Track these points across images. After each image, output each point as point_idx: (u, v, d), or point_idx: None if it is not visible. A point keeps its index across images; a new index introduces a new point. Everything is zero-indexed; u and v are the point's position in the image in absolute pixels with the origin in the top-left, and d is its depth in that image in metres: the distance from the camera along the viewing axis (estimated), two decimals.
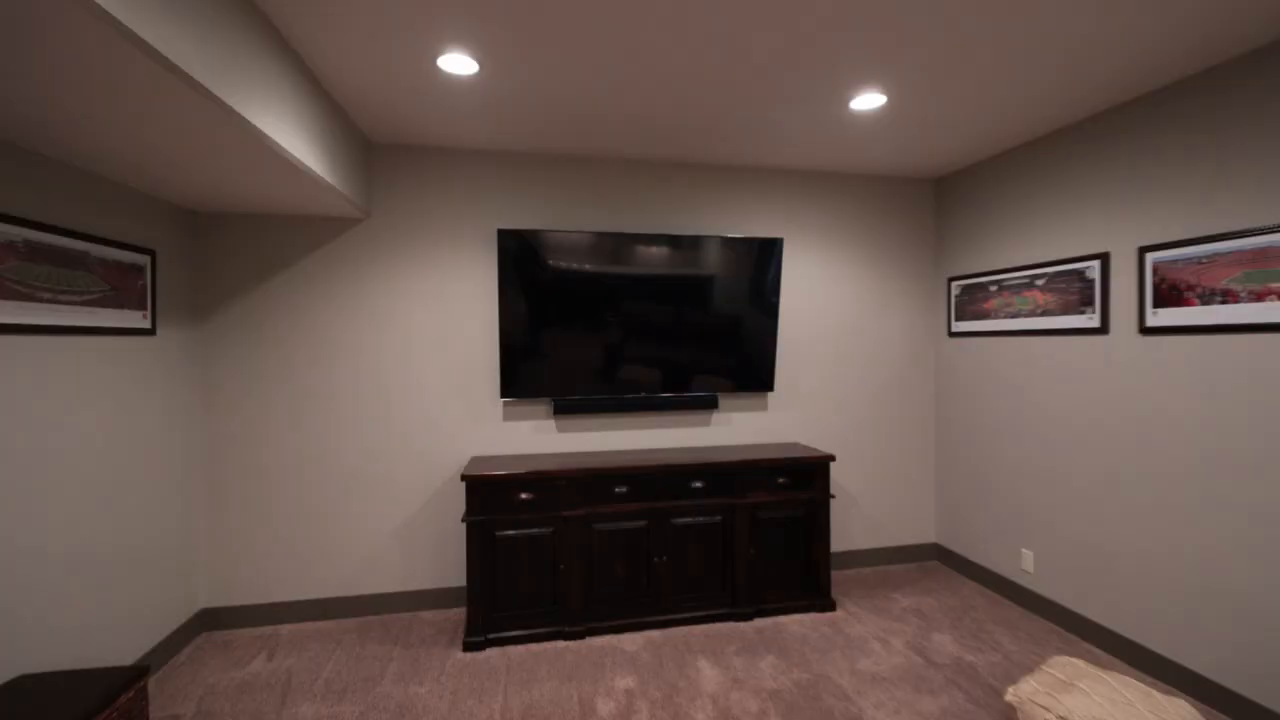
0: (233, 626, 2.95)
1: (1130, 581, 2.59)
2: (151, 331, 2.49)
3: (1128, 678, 1.86)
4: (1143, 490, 2.54)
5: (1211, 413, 2.28)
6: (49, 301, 1.96)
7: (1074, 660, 1.95)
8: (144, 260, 2.44)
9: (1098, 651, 2.68)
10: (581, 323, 3.17)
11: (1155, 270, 2.49)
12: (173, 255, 2.69)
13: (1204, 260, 2.31)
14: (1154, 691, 1.79)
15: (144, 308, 2.44)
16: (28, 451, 1.90)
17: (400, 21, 1.88)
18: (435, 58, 2.12)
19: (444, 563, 3.19)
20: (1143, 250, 2.53)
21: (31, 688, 1.75)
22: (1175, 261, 2.41)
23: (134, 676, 1.82)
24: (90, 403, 2.17)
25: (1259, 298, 2.14)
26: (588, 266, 3.13)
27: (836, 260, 3.63)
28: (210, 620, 2.93)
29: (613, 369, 3.25)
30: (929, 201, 3.76)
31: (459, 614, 3.11)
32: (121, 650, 2.32)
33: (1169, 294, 2.44)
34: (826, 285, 3.62)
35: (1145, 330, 2.53)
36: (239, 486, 2.95)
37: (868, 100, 2.53)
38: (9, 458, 1.83)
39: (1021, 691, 1.82)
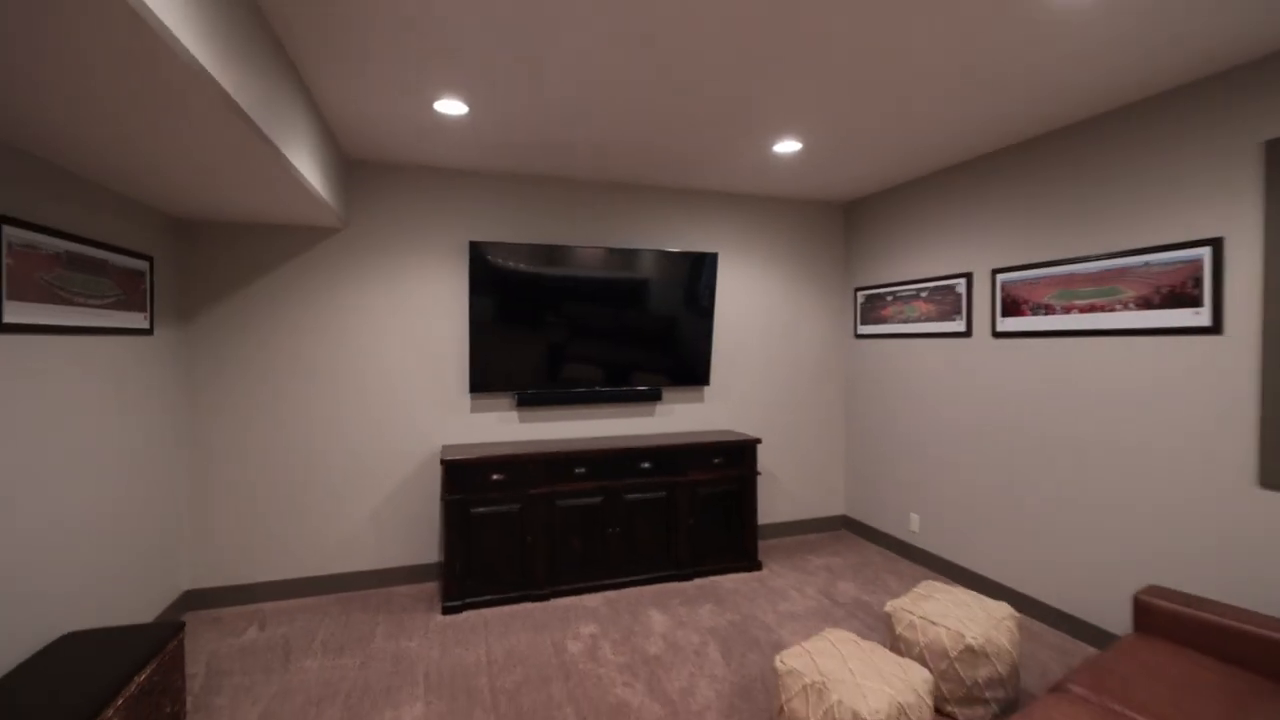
0: (216, 606, 3.17)
1: (985, 532, 3.30)
2: (150, 331, 2.71)
3: (969, 591, 2.50)
4: (997, 459, 3.24)
5: (1041, 396, 3.00)
6: (81, 305, 2.20)
7: (933, 583, 2.58)
8: (144, 266, 2.66)
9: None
10: (542, 325, 3.58)
11: (1003, 288, 3.20)
12: (166, 261, 2.90)
13: (1033, 281, 3.02)
14: (984, 597, 2.43)
15: (144, 310, 2.66)
16: (59, 439, 2.13)
17: (410, 77, 2.25)
18: (433, 102, 2.49)
19: (415, 542, 3.52)
20: (995, 272, 3.23)
21: (81, 642, 2.00)
22: (1015, 281, 3.12)
23: (176, 629, 2.10)
24: (105, 396, 2.39)
25: (1067, 311, 2.86)
26: (548, 275, 3.55)
27: (764, 272, 4.21)
28: (195, 600, 3.14)
29: (569, 366, 3.69)
30: (840, 223, 4.43)
31: (431, 587, 3.45)
32: (119, 622, 2.54)
33: (1011, 306, 3.15)
34: (755, 294, 4.20)
35: (996, 334, 3.23)
36: (221, 476, 3.18)
37: (787, 145, 3.10)
38: (47, 444, 2.06)
39: (894, 604, 2.42)
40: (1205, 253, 2.36)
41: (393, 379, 3.46)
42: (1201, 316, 2.37)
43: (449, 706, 2.29)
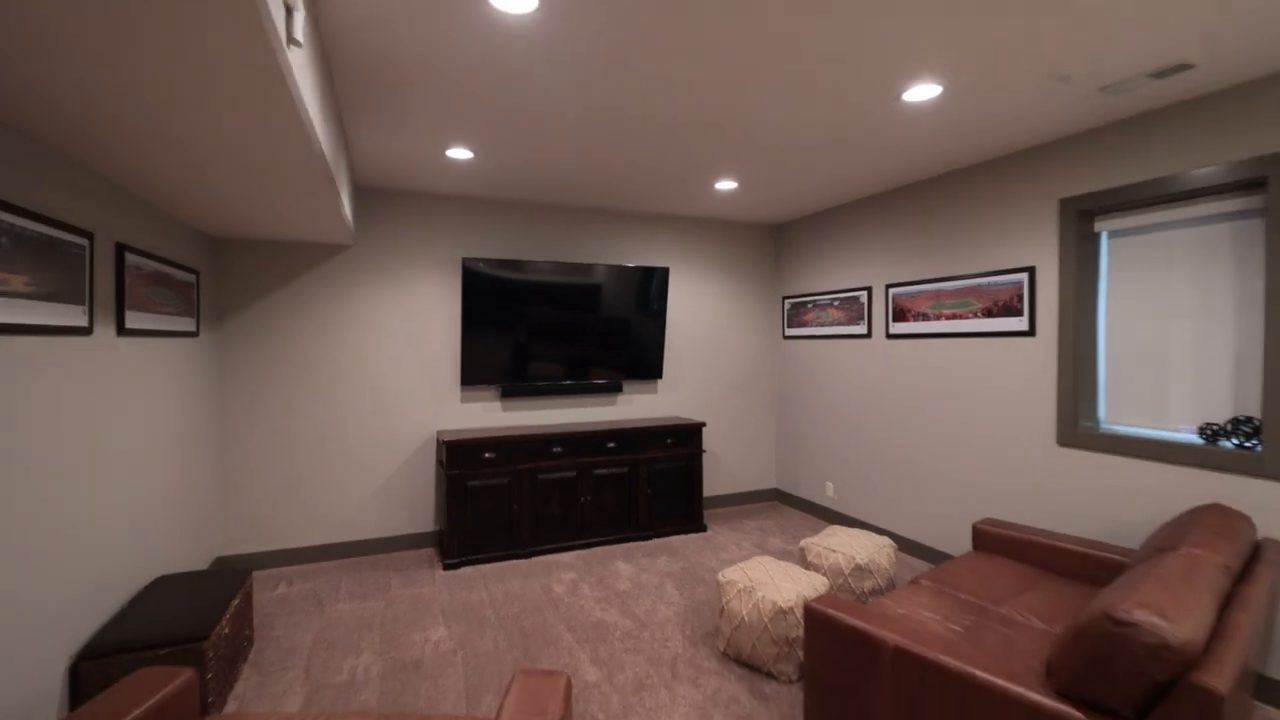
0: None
1: (879, 492, 4.15)
2: (196, 334, 3.19)
3: (864, 531, 3.31)
4: (888, 435, 4.10)
5: (919, 383, 3.86)
6: (160, 313, 2.69)
7: (837, 527, 3.39)
8: (193, 279, 3.14)
9: None
10: (522, 328, 4.21)
11: (893, 299, 4.06)
12: (207, 274, 3.38)
13: (914, 294, 3.89)
14: (874, 534, 3.26)
15: (193, 315, 3.14)
16: (143, 424, 2.62)
17: (433, 132, 2.85)
18: (445, 150, 3.10)
19: (415, 513, 4.08)
20: (888, 286, 4.09)
21: (173, 582, 2.52)
22: (902, 294, 3.98)
23: (245, 572, 2.63)
24: (169, 388, 2.87)
25: (938, 318, 3.73)
26: (528, 285, 4.18)
27: (708, 283, 4.97)
28: (225, 566, 3.60)
29: (544, 363, 4.33)
30: (771, 241, 5.24)
31: (429, 552, 4.02)
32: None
33: (899, 313, 4.01)
34: (701, 301, 4.95)
35: (889, 336, 4.09)
36: (246, 457, 3.66)
37: (726, 185, 3.86)
38: (138, 429, 2.55)
39: (806, 540, 3.21)
40: (1025, 277, 3.25)
41: (394, 374, 4.01)
42: (1023, 323, 3.26)
43: (465, 629, 2.91)
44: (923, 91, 2.45)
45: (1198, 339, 2.66)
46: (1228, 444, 2.52)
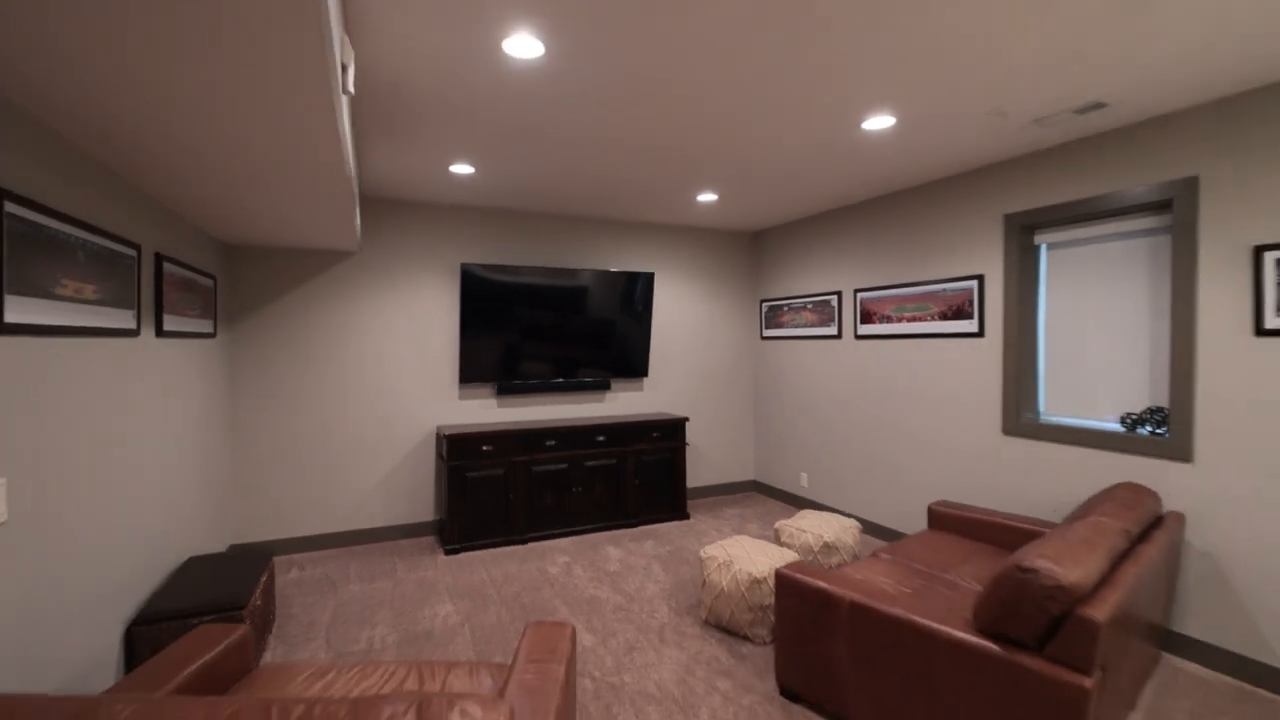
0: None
1: (848, 480, 4.50)
2: (214, 335, 3.41)
3: (832, 514, 3.65)
4: (856, 428, 4.44)
5: (884, 380, 4.21)
6: (187, 316, 2.92)
7: (807, 511, 3.72)
8: (211, 283, 3.36)
9: None
10: (517, 330, 4.48)
11: (861, 303, 4.41)
12: (222, 279, 3.59)
13: (880, 298, 4.24)
14: (841, 516, 3.59)
15: (211, 317, 3.36)
16: (171, 418, 2.84)
17: (439, 150, 3.12)
18: (449, 166, 3.37)
19: (415, 504, 4.33)
20: (856, 291, 4.44)
21: (203, 561, 2.75)
22: (869, 298, 4.33)
23: (269, 553, 2.87)
24: (191, 386, 3.09)
25: (900, 320, 4.08)
26: (522, 290, 4.45)
27: (691, 287, 5.28)
28: (239, 552, 3.81)
29: (537, 362, 4.60)
30: (749, 248, 5.57)
31: (429, 539, 4.28)
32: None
33: (866, 316, 4.36)
34: (684, 304, 5.26)
35: (858, 336, 4.44)
36: (256, 451, 3.88)
37: (707, 197, 4.17)
38: (168, 423, 2.78)
39: (780, 523, 3.53)
40: (975, 283, 3.61)
41: (396, 372, 4.26)
42: (973, 325, 3.62)
43: (471, 605, 3.18)
44: (879, 122, 2.78)
45: (1120, 339, 3.03)
46: (1143, 431, 2.89)
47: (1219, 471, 2.56)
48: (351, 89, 1.63)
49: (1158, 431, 2.83)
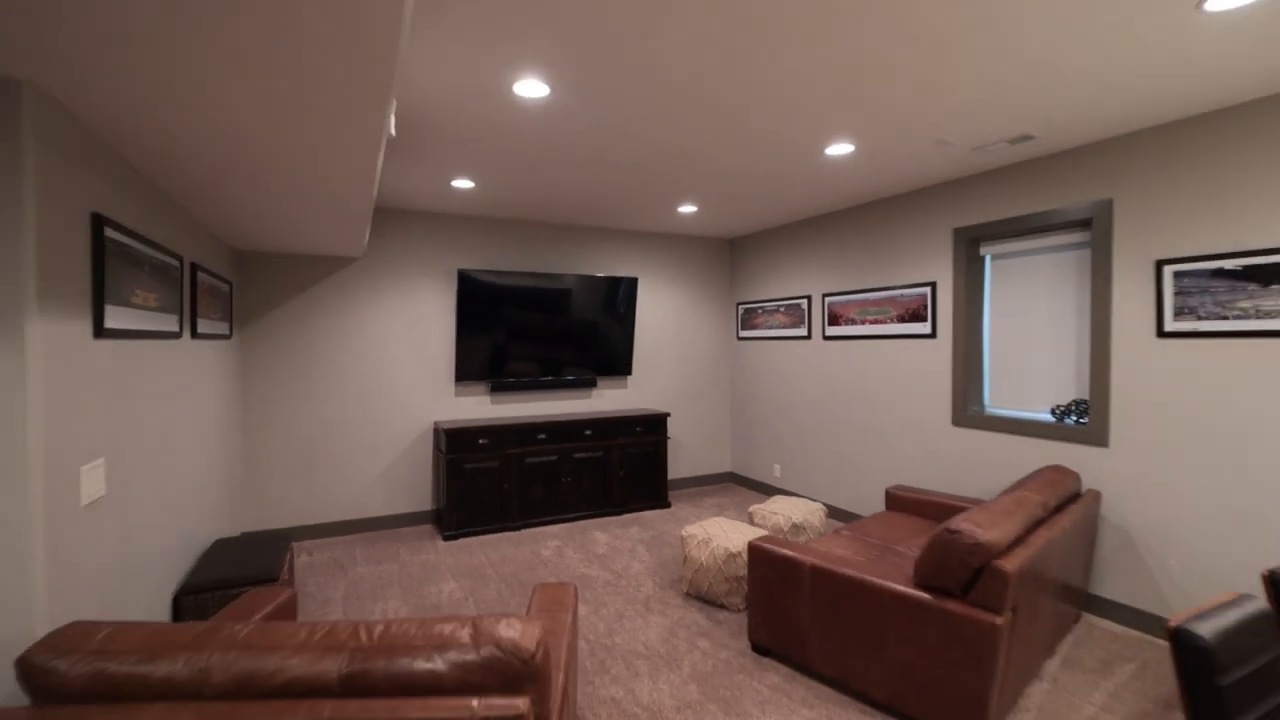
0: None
1: (817, 470, 4.88)
2: (229, 336, 3.65)
3: (801, 499, 4.01)
4: (824, 421, 4.83)
5: (849, 378, 4.60)
6: (211, 319, 3.16)
7: (779, 497, 4.08)
8: (228, 288, 3.60)
9: None
10: (510, 331, 4.77)
11: (829, 306, 4.79)
12: (237, 284, 3.83)
13: (846, 303, 4.62)
14: (809, 500, 3.96)
15: (228, 320, 3.60)
16: (193, 415, 3.07)
17: (444, 168, 3.40)
18: (452, 180, 3.65)
19: (414, 494, 4.60)
20: (824, 295, 4.82)
21: (229, 543, 3.00)
22: (836, 302, 4.71)
23: (288, 536, 3.13)
24: (211, 384, 3.33)
25: (864, 323, 4.47)
26: (515, 293, 4.75)
27: (673, 290, 5.62)
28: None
29: (529, 361, 4.90)
30: (727, 254, 5.93)
31: (428, 527, 4.55)
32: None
33: (834, 318, 4.74)
34: (666, 307, 5.59)
35: (826, 338, 4.82)
36: (265, 445, 4.11)
37: (687, 208, 4.51)
38: (197, 415, 3.02)
39: (754, 507, 3.89)
40: (928, 289, 4.00)
41: (396, 371, 4.52)
42: (927, 328, 4.01)
43: (472, 582, 3.47)
44: (840, 148, 3.15)
45: (1053, 340, 3.44)
46: (1069, 420, 3.30)
47: (1129, 455, 2.98)
48: (393, 132, 1.93)
49: (1081, 421, 3.25)
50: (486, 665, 1.33)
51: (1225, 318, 2.62)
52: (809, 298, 4.97)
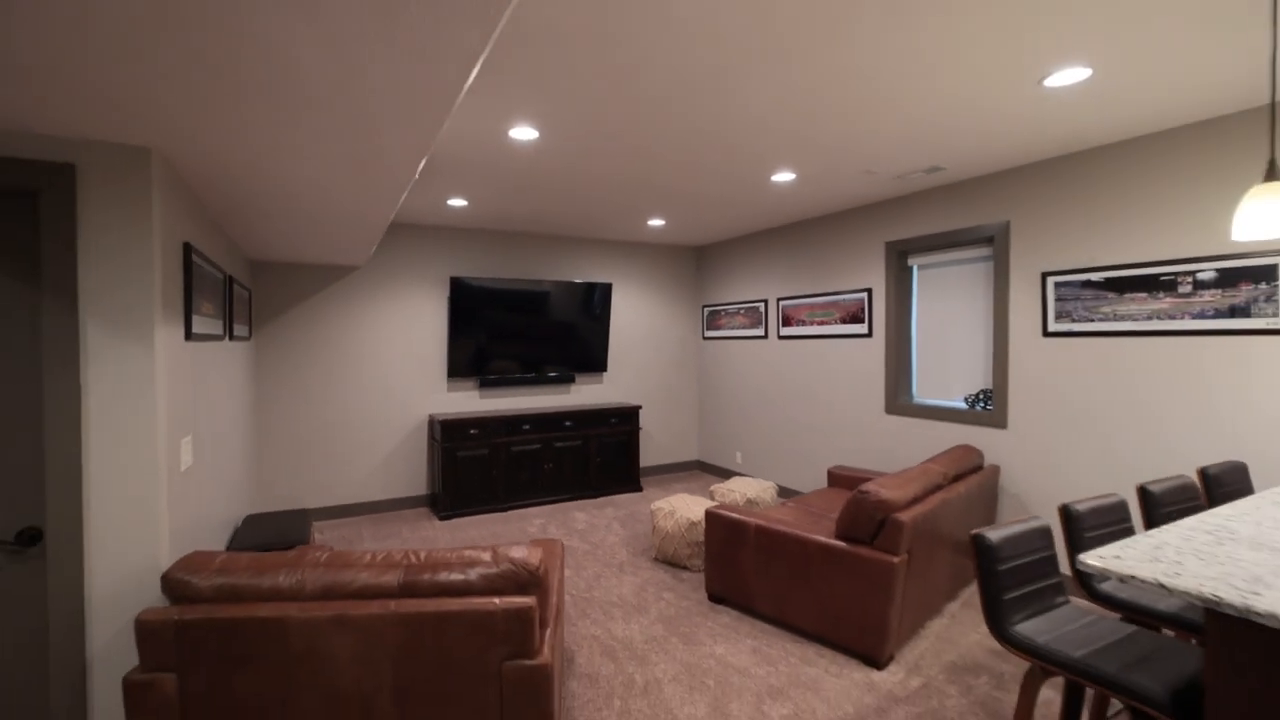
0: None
1: (771, 456, 5.45)
2: (249, 338, 4.06)
3: (756, 479, 4.57)
4: (778, 412, 5.41)
5: (799, 373, 5.18)
6: (239, 323, 3.58)
7: (738, 478, 4.64)
8: (247, 294, 4.01)
9: None
10: (497, 332, 5.24)
11: (782, 309, 5.36)
12: (254, 290, 4.23)
13: (797, 305, 5.20)
14: (763, 480, 4.52)
15: (248, 323, 4.01)
16: (224, 408, 3.49)
17: (443, 190, 3.86)
18: (447, 200, 4.12)
19: (410, 480, 5.04)
20: (779, 299, 5.39)
21: (259, 519, 3.43)
22: (789, 305, 5.29)
23: (306, 513, 3.57)
24: (235, 382, 3.74)
25: (812, 324, 5.05)
26: (502, 298, 5.22)
27: (644, 294, 6.15)
28: (254, 523, 4.45)
29: (514, 360, 5.37)
30: (693, 260, 6.47)
31: (424, 510, 5.00)
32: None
33: (787, 320, 5.32)
34: (638, 309, 6.12)
35: (780, 337, 5.39)
36: (277, 437, 4.52)
37: (656, 221, 5.04)
38: (231, 409, 3.43)
39: (714, 487, 4.44)
40: (865, 294, 4.59)
41: (393, 368, 4.96)
42: (864, 328, 4.60)
43: None
44: (784, 176, 3.71)
45: (966, 338, 4.05)
46: (979, 407, 3.92)
47: (1023, 435, 3.60)
48: (417, 174, 2.41)
49: (987, 407, 3.86)
50: (504, 575, 1.84)
51: (1092, 320, 3.24)
52: (765, 301, 5.54)
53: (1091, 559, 1.26)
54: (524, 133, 2.86)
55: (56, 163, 1.74)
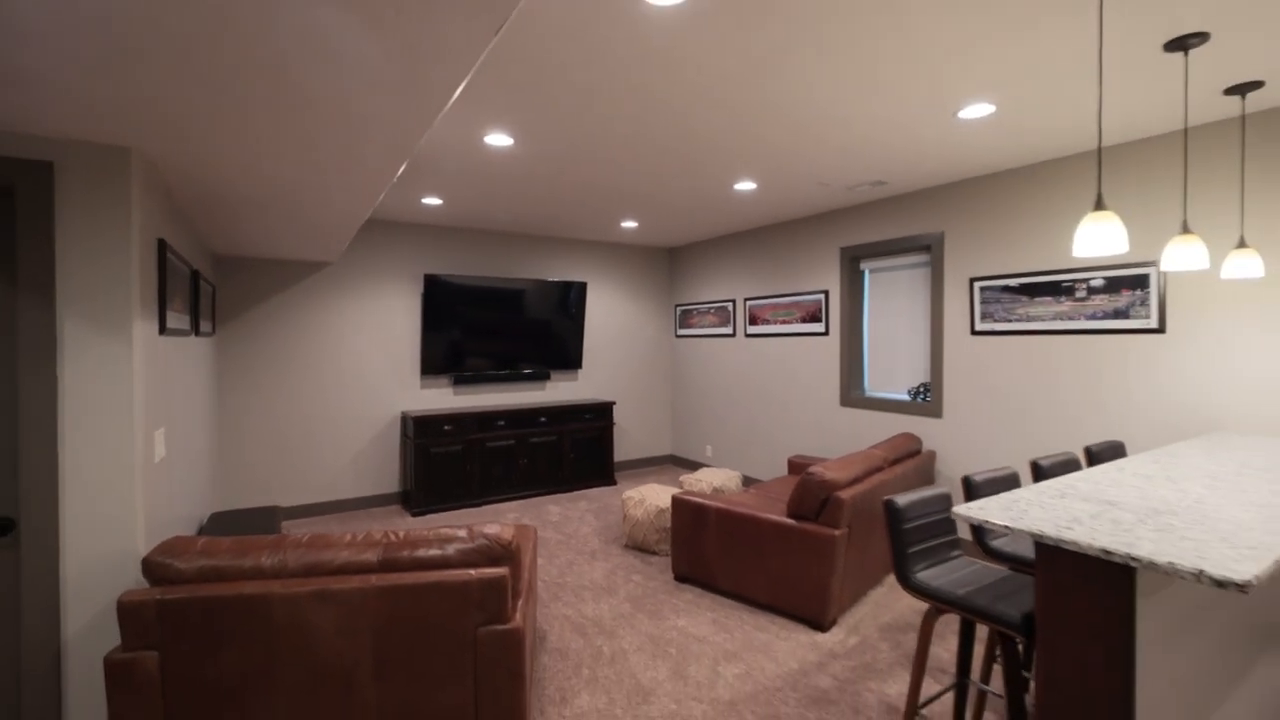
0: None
1: (738, 448, 5.71)
2: (213, 333, 4.15)
3: (722, 469, 4.82)
4: (743, 407, 5.68)
5: (763, 369, 5.45)
6: (203, 319, 3.68)
7: (706, 469, 4.88)
8: (211, 289, 4.11)
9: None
10: (472, 330, 5.40)
11: (749, 309, 5.63)
12: (219, 285, 4.32)
13: (762, 305, 5.48)
14: (728, 470, 4.78)
15: (212, 319, 4.11)
16: (190, 402, 3.60)
17: (417, 189, 4.02)
18: (421, 198, 4.28)
19: (382, 477, 5.17)
20: (746, 299, 5.66)
21: (225, 516, 3.54)
22: (755, 305, 5.56)
23: (275, 510, 3.69)
24: (200, 377, 3.84)
25: (776, 323, 5.33)
26: (476, 295, 5.37)
27: (619, 293, 6.36)
28: (221, 520, 4.53)
29: (488, 357, 5.54)
30: (666, 261, 6.71)
31: (395, 507, 5.13)
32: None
33: (753, 319, 5.59)
34: (613, 308, 6.33)
35: (748, 336, 5.66)
36: (244, 434, 4.61)
37: (629, 223, 5.26)
38: (189, 406, 3.54)
39: (683, 477, 4.68)
40: (823, 296, 4.88)
41: (365, 365, 5.08)
42: (822, 327, 4.89)
43: None
44: (745, 185, 3.96)
45: (910, 336, 4.36)
46: (920, 399, 4.23)
47: (955, 424, 3.91)
48: (396, 178, 2.58)
49: (926, 399, 4.17)
50: (478, 550, 2.03)
51: (1010, 320, 3.56)
52: (734, 301, 5.81)
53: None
54: (499, 139, 3.05)
55: (34, 161, 1.81)
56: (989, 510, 1.51)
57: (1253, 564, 1.17)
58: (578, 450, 5.64)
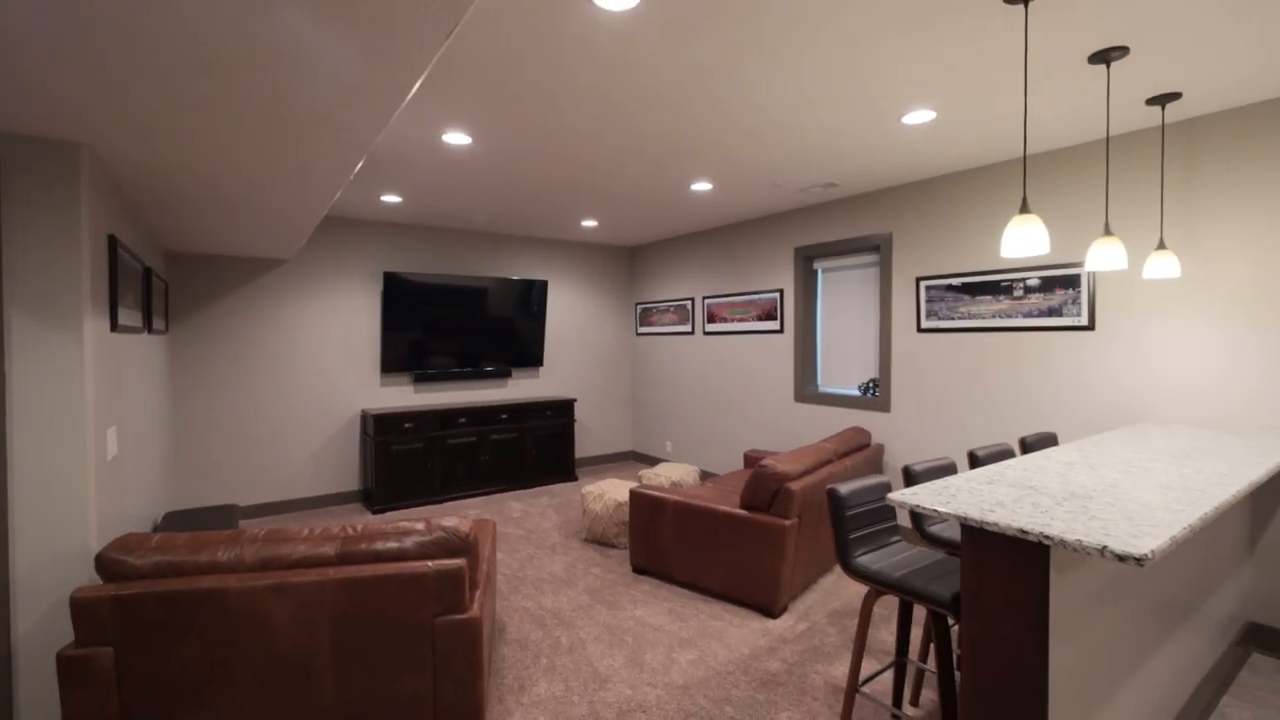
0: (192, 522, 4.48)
1: (693, 443, 5.84)
2: (166, 331, 4.04)
3: (681, 464, 4.93)
4: (701, 404, 5.80)
5: (720, 367, 5.58)
6: (156, 316, 3.59)
7: (665, 463, 4.99)
8: (164, 286, 4.00)
9: None
10: (432, 327, 5.37)
11: (707, 307, 5.75)
12: (171, 282, 4.20)
13: (720, 304, 5.60)
14: (686, 465, 4.89)
15: (164, 316, 4.00)
16: (142, 400, 3.51)
17: (378, 187, 3.99)
18: (381, 196, 4.24)
19: (341, 475, 5.10)
20: (704, 298, 5.78)
21: (180, 515, 3.47)
22: (714, 304, 5.68)
23: (232, 509, 3.63)
24: (152, 375, 3.74)
25: (733, 321, 5.46)
26: (437, 293, 5.35)
27: (580, 291, 6.40)
28: (175, 519, 4.42)
29: (449, 355, 5.52)
30: (627, 260, 6.79)
31: (356, 505, 5.07)
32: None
33: (711, 317, 5.71)
34: (574, 306, 6.37)
35: (706, 333, 5.78)
36: (199, 432, 4.50)
37: (590, 222, 5.31)
38: (150, 403, 3.45)
39: (642, 472, 4.77)
40: (778, 294, 5.03)
41: (324, 363, 5.01)
42: (777, 325, 5.04)
43: None
44: (702, 185, 4.06)
45: (861, 334, 4.54)
46: (870, 394, 4.41)
47: (902, 418, 4.10)
48: (353, 176, 2.58)
49: (875, 394, 4.36)
50: (436, 542, 2.07)
51: (953, 318, 3.76)
52: (693, 299, 5.92)
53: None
54: (457, 138, 3.07)
55: None
56: (920, 496, 1.63)
57: (1151, 539, 1.30)
58: (539, 447, 5.67)
